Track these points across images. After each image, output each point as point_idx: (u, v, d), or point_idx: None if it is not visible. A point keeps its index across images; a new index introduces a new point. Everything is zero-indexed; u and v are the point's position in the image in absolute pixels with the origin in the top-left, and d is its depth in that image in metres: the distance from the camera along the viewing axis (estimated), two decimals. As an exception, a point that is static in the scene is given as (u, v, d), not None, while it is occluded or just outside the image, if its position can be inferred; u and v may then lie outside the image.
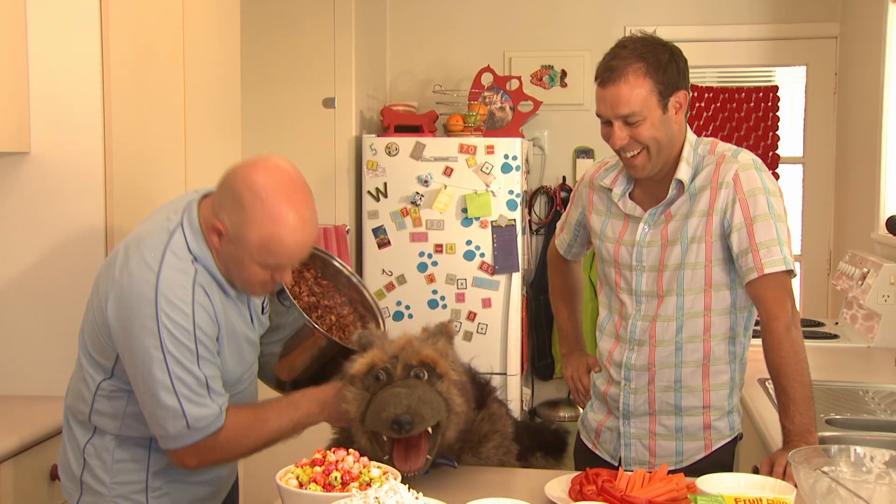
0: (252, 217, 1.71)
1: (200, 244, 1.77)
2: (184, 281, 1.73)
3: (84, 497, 1.89)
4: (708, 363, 2.08)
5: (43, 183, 2.43)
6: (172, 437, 1.75)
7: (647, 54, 1.98)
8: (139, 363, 1.72)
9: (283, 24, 4.06)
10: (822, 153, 4.50)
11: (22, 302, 2.46)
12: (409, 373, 1.81)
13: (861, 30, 4.08)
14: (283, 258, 1.76)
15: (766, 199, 1.98)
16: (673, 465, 2.08)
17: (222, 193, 1.76)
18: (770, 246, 1.96)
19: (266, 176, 1.73)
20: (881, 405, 2.47)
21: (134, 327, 1.71)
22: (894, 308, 3.22)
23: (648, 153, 2.01)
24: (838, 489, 1.46)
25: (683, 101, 2.02)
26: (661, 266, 2.07)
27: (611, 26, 4.55)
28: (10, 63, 2.34)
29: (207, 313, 1.75)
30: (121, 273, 1.74)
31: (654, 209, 2.09)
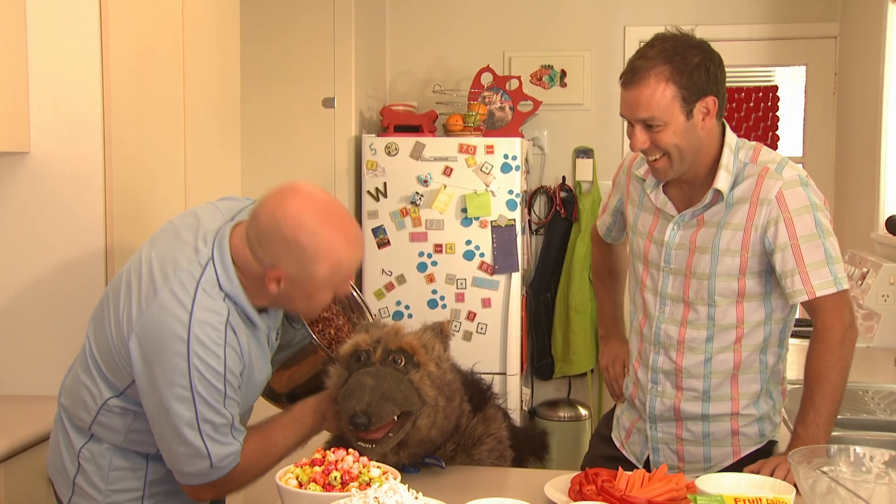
0: (315, 254, 1.70)
1: (232, 279, 1.75)
2: (216, 322, 1.71)
3: (75, 498, 1.88)
4: (738, 373, 2.04)
5: (42, 183, 2.44)
6: (193, 475, 1.74)
7: (674, 56, 1.89)
8: (163, 398, 1.69)
9: (283, 24, 4.06)
10: (822, 153, 4.50)
11: (20, 302, 2.46)
12: (387, 357, 1.84)
13: (860, 30, 4.09)
14: (348, 275, 1.80)
15: (812, 217, 1.91)
16: (700, 472, 2.02)
17: (270, 239, 1.72)
18: (819, 267, 1.90)
19: (308, 209, 1.72)
20: (881, 405, 2.47)
21: (162, 363, 1.68)
22: (894, 308, 3.24)
23: (670, 159, 1.95)
24: (838, 489, 1.46)
25: (712, 107, 1.93)
26: (688, 271, 2.02)
27: (610, 26, 4.56)
28: (9, 63, 2.34)
29: (236, 354, 1.74)
30: (147, 305, 1.70)
31: (687, 212, 2.02)
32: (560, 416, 4.41)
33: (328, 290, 1.79)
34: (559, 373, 4.55)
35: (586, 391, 4.61)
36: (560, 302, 4.53)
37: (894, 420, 2.33)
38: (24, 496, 2.13)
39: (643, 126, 1.93)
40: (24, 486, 2.14)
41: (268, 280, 1.73)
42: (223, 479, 1.76)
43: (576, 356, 4.46)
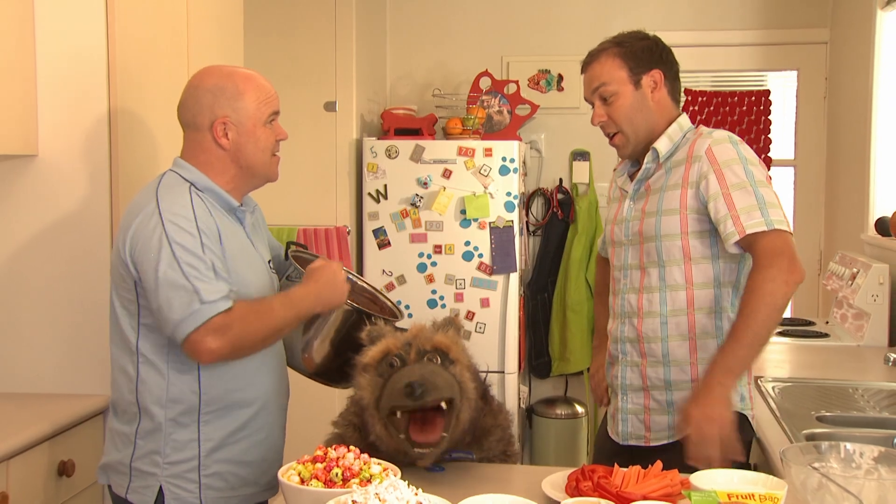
0: (236, 88, 1.99)
1: (190, 170, 2.00)
2: (180, 190, 1.94)
3: (133, 483, 1.96)
4: (694, 337, 2.10)
5: (50, 185, 2.46)
6: (188, 318, 1.82)
7: (622, 41, 2.18)
8: (149, 260, 1.86)
9: (286, 29, 4.08)
10: (813, 156, 4.52)
11: (30, 301, 2.49)
12: (422, 358, 1.82)
13: (850, 36, 4.11)
14: (274, 100, 2.04)
15: (742, 168, 2.01)
16: (666, 440, 2.12)
17: (199, 105, 1.99)
18: (750, 210, 1.97)
19: (212, 67, 2.07)
20: (870, 402, 2.50)
21: (142, 236, 1.88)
22: (883, 307, 3.25)
23: (624, 134, 2.16)
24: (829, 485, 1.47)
25: (659, 79, 2.15)
26: (640, 238, 2.14)
27: (607, 31, 4.42)
28: (18, 67, 2.37)
29: (206, 213, 1.93)
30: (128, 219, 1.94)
31: (636, 184, 2.19)
32: (557, 413, 4.42)
33: (265, 127, 2.02)
34: (556, 371, 4.58)
35: (583, 389, 4.62)
36: (557, 302, 4.55)
37: (884, 417, 2.35)
38: (31, 492, 2.16)
39: (600, 101, 2.17)
40: (31, 482, 2.16)
41: (217, 137, 1.98)
42: (220, 321, 1.84)
43: (572, 355, 4.48)
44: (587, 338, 4.52)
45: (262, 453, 2.06)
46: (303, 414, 3.66)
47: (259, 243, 2.13)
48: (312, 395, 3.69)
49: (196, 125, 2.01)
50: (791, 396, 2.51)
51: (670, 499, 1.62)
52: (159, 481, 1.95)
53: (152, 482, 1.95)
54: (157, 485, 1.95)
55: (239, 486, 2.03)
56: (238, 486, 2.03)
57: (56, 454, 2.23)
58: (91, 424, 2.36)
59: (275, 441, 2.12)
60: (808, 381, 2.72)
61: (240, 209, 2.06)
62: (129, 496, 1.97)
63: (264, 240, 2.21)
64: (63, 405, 2.34)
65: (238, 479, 2.02)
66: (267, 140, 2.03)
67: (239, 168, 2.02)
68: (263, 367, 2.05)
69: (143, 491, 1.95)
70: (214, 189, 2.00)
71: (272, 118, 2.04)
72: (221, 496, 1.99)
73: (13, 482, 2.08)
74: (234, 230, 2.02)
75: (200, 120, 2.00)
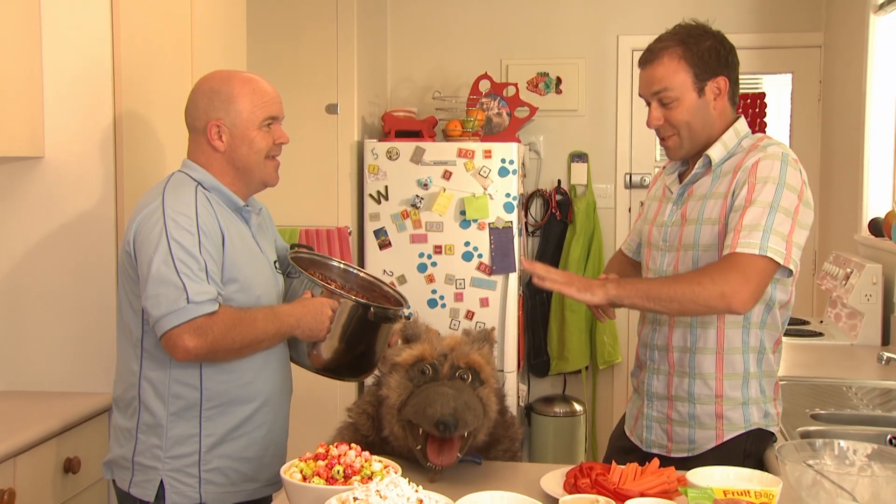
0: (231, 92, 2.02)
1: (198, 170, 2.04)
2: (186, 190, 1.98)
3: (136, 477, 1.99)
4: (721, 351, 2.03)
5: (56, 186, 2.48)
6: (172, 314, 1.84)
7: (688, 39, 2.02)
8: (146, 254, 1.89)
9: (288, 34, 4.09)
10: (808, 158, 4.41)
11: (37, 301, 2.50)
12: (454, 373, 1.83)
13: (844, 39, 4.11)
14: (272, 105, 2.06)
15: (774, 189, 1.91)
16: (686, 453, 2.07)
17: (197, 108, 2.04)
18: (753, 229, 1.89)
19: (215, 72, 2.10)
20: (864, 400, 2.51)
21: (143, 230, 1.92)
22: (876, 307, 3.26)
23: (679, 137, 2.05)
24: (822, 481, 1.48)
25: (724, 87, 2.02)
26: (679, 245, 2.07)
27: (604, 35, 4.57)
28: (25, 70, 2.38)
29: (209, 215, 1.97)
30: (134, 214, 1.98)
31: (682, 187, 2.10)
32: (556, 411, 4.43)
33: (260, 131, 2.04)
34: (555, 370, 4.59)
35: (581, 387, 4.64)
36: (556, 302, 4.55)
37: (877, 415, 2.36)
38: (38, 488, 2.17)
39: (658, 103, 2.04)
40: (38, 478, 2.17)
41: (212, 139, 2.02)
42: (202, 323, 1.85)
43: (571, 354, 4.50)
44: (585, 337, 4.54)
45: (263, 449, 2.08)
46: (306, 411, 3.71)
47: (265, 243, 2.16)
48: (317, 393, 3.74)
49: (194, 127, 2.07)
50: (786, 394, 2.49)
51: (667, 496, 1.63)
52: (160, 475, 1.97)
53: (153, 476, 1.97)
54: (158, 479, 1.97)
55: (240, 482, 2.04)
56: (239, 481, 2.04)
57: (62, 451, 2.25)
58: (97, 422, 2.38)
59: (277, 437, 2.14)
60: (802, 379, 2.74)
61: (245, 209, 2.09)
62: (131, 490, 1.99)
63: (271, 240, 2.23)
64: (69, 403, 2.35)
65: (239, 474, 2.04)
66: (262, 143, 2.04)
67: (236, 170, 2.05)
68: (266, 365, 2.07)
69: (144, 485, 1.97)
70: (221, 188, 2.04)
71: (269, 122, 2.05)
72: (222, 491, 2.01)
73: (20, 478, 2.09)
74: (239, 229, 2.05)
75: (197, 123, 2.05)
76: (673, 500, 1.62)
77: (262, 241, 2.15)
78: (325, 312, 2.04)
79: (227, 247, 1.97)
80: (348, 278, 2.36)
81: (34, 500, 2.15)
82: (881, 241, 3.41)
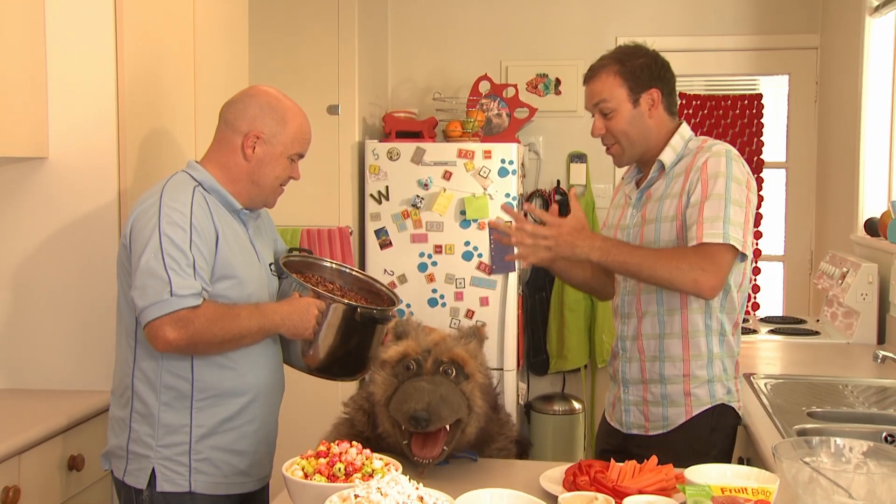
0: (284, 115, 2.10)
1: (202, 172, 2.09)
2: (184, 188, 2.03)
3: (130, 465, 2.03)
4: (687, 335, 2.21)
5: (60, 187, 2.49)
6: (155, 305, 1.89)
7: (622, 58, 2.25)
8: (138, 247, 1.94)
9: (290, 35, 4.09)
10: (804, 158, 4.52)
11: (38, 300, 2.52)
12: (438, 368, 1.86)
13: (840, 41, 4.12)
14: (306, 144, 2.16)
15: (725, 183, 2.11)
16: (661, 430, 2.24)
17: (246, 109, 2.09)
18: (714, 221, 2.07)
19: (272, 89, 2.15)
20: (860, 398, 2.53)
21: (139, 224, 1.97)
22: (872, 306, 3.27)
23: (620, 146, 2.26)
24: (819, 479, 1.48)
25: (657, 98, 2.23)
26: (641, 244, 2.23)
27: (602, 36, 4.56)
28: (29, 72, 2.39)
29: (204, 213, 2.01)
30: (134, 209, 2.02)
31: (640, 192, 2.29)
32: (555, 409, 4.44)
33: (286, 160, 2.12)
34: (554, 368, 4.59)
35: (580, 386, 4.66)
36: (555, 301, 4.56)
37: (873, 413, 2.37)
38: (42, 485, 2.18)
39: (599, 114, 2.25)
40: (43, 476, 2.19)
41: (245, 146, 2.08)
42: (184, 315, 1.89)
43: (570, 352, 4.50)
44: (584, 336, 4.54)
45: (254, 444, 2.11)
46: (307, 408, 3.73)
47: (261, 246, 2.19)
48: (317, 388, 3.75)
49: (234, 126, 2.10)
50: (782, 393, 2.55)
51: (665, 493, 1.64)
52: (152, 463, 2.01)
53: (145, 464, 2.01)
54: (149, 467, 2.01)
55: (230, 475, 2.08)
56: (229, 473, 2.08)
57: (66, 449, 2.27)
58: (101, 420, 2.39)
59: (267, 433, 2.17)
60: (799, 377, 2.76)
61: (243, 212, 2.13)
62: (125, 479, 2.04)
63: (269, 243, 2.27)
64: (73, 401, 2.37)
65: (229, 467, 2.07)
66: (283, 172, 2.13)
67: (250, 183, 2.11)
68: (258, 360, 2.11)
69: (137, 473, 2.02)
70: (220, 191, 2.09)
71: (297, 157, 2.15)
72: (212, 482, 2.05)
73: (25, 476, 2.11)
74: (235, 230, 2.09)
75: (239, 124, 2.10)
76: (671, 497, 1.63)
77: (259, 244, 2.18)
78: (310, 312, 2.09)
79: (221, 245, 2.02)
80: (343, 278, 2.39)
81: (39, 497, 2.17)
82: (877, 240, 3.42)
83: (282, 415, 2.29)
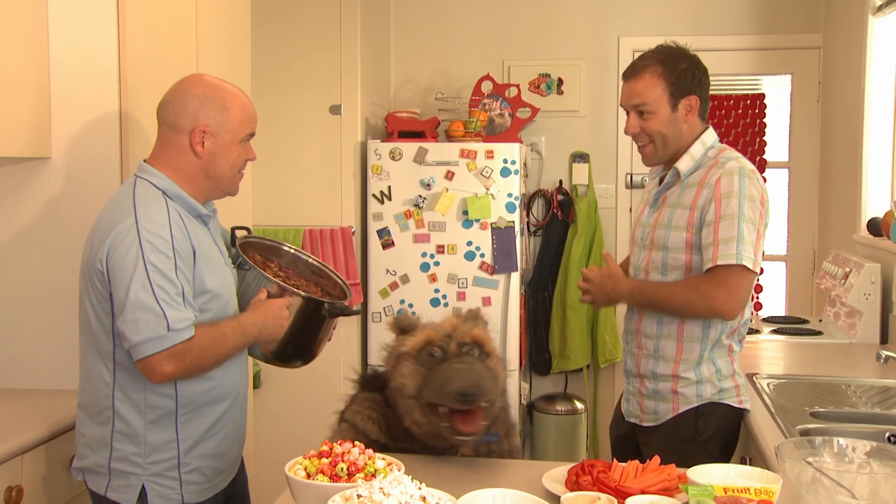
0: (224, 101, 2.04)
1: (161, 177, 2.02)
2: (158, 206, 1.96)
3: (113, 482, 2.00)
4: (682, 339, 2.31)
5: (63, 187, 2.50)
6: (153, 341, 1.86)
7: (667, 60, 2.30)
8: (123, 277, 1.87)
9: (292, 36, 4.10)
10: (807, 158, 4.53)
11: (41, 300, 2.52)
12: (461, 349, 1.91)
13: (843, 41, 4.13)
14: (253, 122, 2.11)
15: (738, 202, 2.20)
16: (652, 423, 2.38)
17: (185, 109, 2.02)
18: (728, 242, 2.17)
19: (203, 76, 2.11)
20: (862, 398, 2.54)
21: (118, 250, 1.89)
22: (875, 306, 3.28)
23: (655, 145, 2.34)
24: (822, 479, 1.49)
25: (695, 105, 2.31)
26: (651, 244, 2.36)
27: (605, 36, 4.59)
28: (32, 73, 2.40)
29: (182, 234, 1.96)
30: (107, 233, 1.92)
31: (657, 194, 2.40)
32: (557, 409, 4.45)
33: (238, 146, 2.07)
34: (556, 368, 4.60)
35: (582, 386, 4.66)
36: (557, 300, 4.57)
37: (875, 413, 2.39)
38: (44, 486, 2.19)
39: (636, 113, 2.33)
40: (45, 476, 2.19)
41: (194, 143, 2.02)
42: (181, 349, 1.88)
43: (572, 352, 4.51)
44: (586, 336, 4.55)
45: (231, 442, 2.14)
46: (303, 409, 3.73)
47: (221, 243, 2.18)
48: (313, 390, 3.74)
49: (176, 126, 2.03)
50: (785, 393, 2.55)
51: (668, 493, 1.66)
52: (141, 480, 1.99)
53: (134, 481, 1.99)
54: (138, 484, 1.99)
55: (214, 477, 2.10)
56: (213, 476, 2.10)
57: (68, 449, 2.26)
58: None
59: (240, 427, 2.21)
60: (801, 377, 2.77)
61: (206, 215, 2.10)
62: (108, 494, 2.00)
63: (222, 235, 2.25)
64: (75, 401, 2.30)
65: (214, 470, 2.09)
66: (238, 157, 2.09)
67: (206, 178, 2.07)
68: (232, 366, 2.11)
69: (124, 490, 1.99)
70: (183, 196, 2.04)
71: (248, 138, 2.10)
72: (200, 489, 2.06)
73: (27, 476, 2.12)
74: (203, 237, 2.06)
75: (181, 123, 2.03)
76: (673, 497, 1.64)
77: (219, 241, 2.18)
78: (283, 315, 2.10)
79: (198, 261, 1.99)
80: (298, 264, 2.39)
81: (41, 498, 2.17)
82: (880, 240, 3.42)
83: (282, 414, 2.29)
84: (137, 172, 2.04)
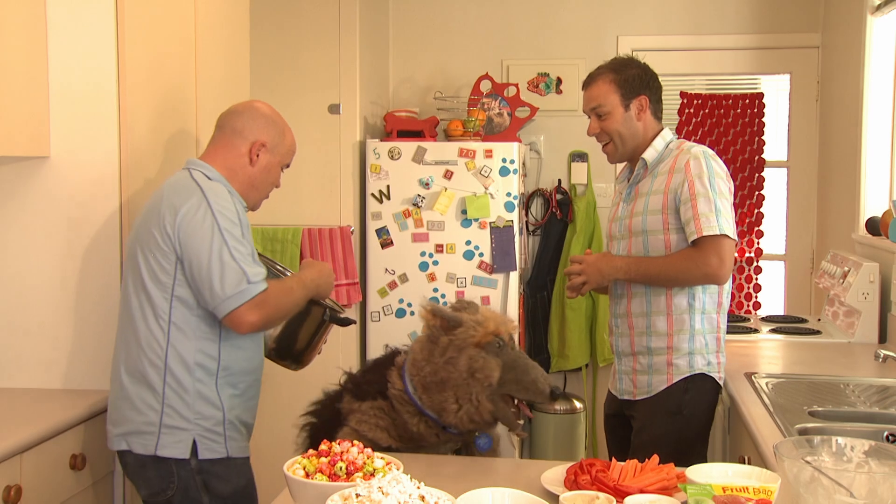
0: (283, 129, 2.36)
1: (216, 173, 2.26)
2: (219, 188, 2.21)
3: (164, 439, 2.15)
4: (672, 313, 2.54)
5: (61, 186, 2.51)
6: (236, 295, 2.10)
7: (618, 68, 2.63)
8: (201, 245, 2.12)
9: (291, 35, 4.10)
10: (806, 157, 4.53)
11: (42, 299, 2.54)
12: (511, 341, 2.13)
13: (841, 40, 4.13)
14: (293, 156, 2.42)
15: (709, 180, 2.46)
16: (645, 395, 2.58)
17: (254, 123, 2.30)
18: (708, 215, 2.43)
19: (267, 104, 2.39)
20: (861, 397, 2.54)
21: (193, 221, 2.13)
22: (874, 305, 3.29)
23: (614, 143, 2.63)
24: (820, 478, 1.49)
25: (645, 104, 2.60)
26: (629, 233, 2.60)
27: (604, 36, 4.59)
28: (31, 72, 2.41)
29: (242, 211, 2.23)
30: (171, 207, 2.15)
31: (628, 188, 2.66)
32: (556, 409, 4.38)
33: (279, 170, 2.37)
34: (555, 368, 4.60)
35: (581, 385, 4.66)
36: (556, 300, 4.57)
37: (874, 412, 2.39)
38: (44, 485, 2.20)
39: (595, 116, 2.63)
40: (44, 474, 2.20)
41: (252, 152, 2.29)
42: (261, 299, 2.12)
43: (571, 352, 4.51)
44: (585, 335, 4.55)
45: (252, 416, 2.36)
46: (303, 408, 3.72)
47: None
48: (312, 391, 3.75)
49: (241, 134, 2.30)
50: (784, 392, 2.56)
51: (667, 492, 1.67)
52: (191, 435, 2.18)
53: (184, 436, 2.17)
54: (189, 438, 2.18)
55: (242, 441, 2.30)
56: (242, 441, 2.30)
57: (68, 448, 2.28)
58: (101, 419, 2.39)
59: (256, 406, 2.39)
60: (800, 376, 2.77)
61: (245, 207, 2.31)
62: (158, 452, 2.17)
63: None
64: (74, 400, 2.39)
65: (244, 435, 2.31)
66: (276, 178, 2.39)
67: (250, 186, 2.33)
68: (258, 343, 2.34)
69: (176, 445, 2.17)
70: (231, 188, 2.28)
71: (286, 166, 2.40)
72: (238, 445, 2.27)
73: (26, 475, 2.13)
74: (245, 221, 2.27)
75: (247, 133, 2.30)
76: (672, 496, 1.64)
77: None
78: (332, 275, 2.40)
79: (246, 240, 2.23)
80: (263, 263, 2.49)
81: (40, 497, 2.18)
82: (878, 239, 3.43)
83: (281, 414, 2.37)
84: (189, 166, 2.27)
